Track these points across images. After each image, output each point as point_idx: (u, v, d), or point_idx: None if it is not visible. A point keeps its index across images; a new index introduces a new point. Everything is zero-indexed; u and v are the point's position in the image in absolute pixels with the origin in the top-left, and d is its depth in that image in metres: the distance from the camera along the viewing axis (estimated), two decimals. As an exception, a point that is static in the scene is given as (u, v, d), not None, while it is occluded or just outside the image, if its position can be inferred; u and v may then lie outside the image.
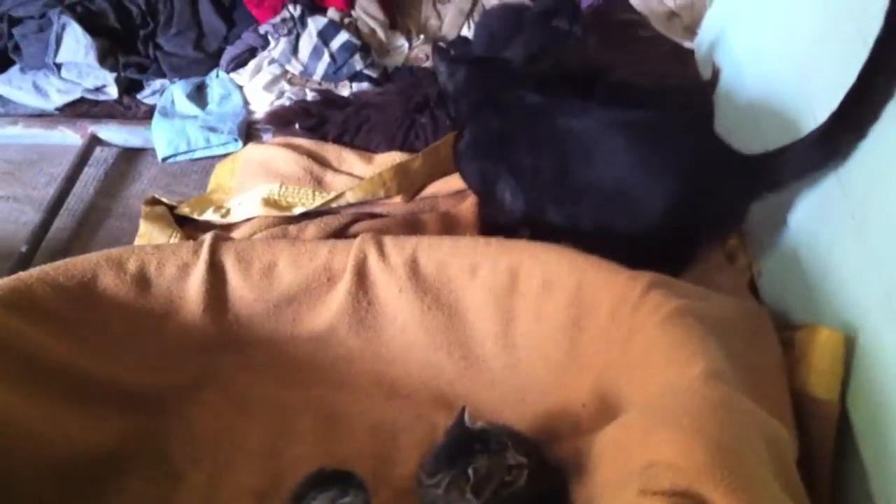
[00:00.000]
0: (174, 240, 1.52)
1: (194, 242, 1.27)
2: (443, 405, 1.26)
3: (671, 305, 1.07)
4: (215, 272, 1.24)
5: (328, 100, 1.77)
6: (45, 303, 1.17)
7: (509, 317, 1.21)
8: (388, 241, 1.25)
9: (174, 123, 1.76)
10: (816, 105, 1.21)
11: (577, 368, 1.15)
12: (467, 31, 2.01)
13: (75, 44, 1.86)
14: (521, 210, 1.41)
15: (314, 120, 1.71)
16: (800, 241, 1.31)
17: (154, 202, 1.60)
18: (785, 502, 0.91)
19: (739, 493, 0.84)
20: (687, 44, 2.00)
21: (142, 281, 1.22)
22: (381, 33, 1.94)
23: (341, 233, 1.54)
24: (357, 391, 1.29)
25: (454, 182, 1.58)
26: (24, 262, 1.52)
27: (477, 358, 1.25)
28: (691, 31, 2.03)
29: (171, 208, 1.60)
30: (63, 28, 1.86)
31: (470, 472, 0.98)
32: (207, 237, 1.26)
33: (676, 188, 1.24)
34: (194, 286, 1.24)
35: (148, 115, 1.84)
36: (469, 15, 2.05)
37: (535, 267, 1.19)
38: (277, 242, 1.28)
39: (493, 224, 1.50)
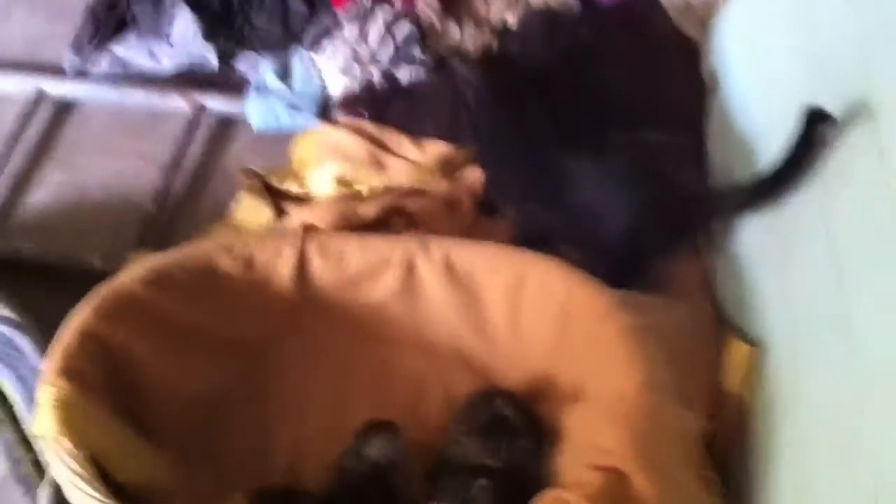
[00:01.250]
0: (266, 208, 1.90)
1: (286, 232, 1.65)
2: (463, 364, 1.64)
3: (631, 322, 1.42)
4: (302, 256, 1.58)
5: (391, 88, 2.11)
6: (180, 281, 1.54)
7: (515, 308, 1.56)
8: (432, 241, 1.59)
9: (266, 99, 2.10)
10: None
11: (560, 354, 1.52)
12: (511, 18, 2.29)
13: (184, 21, 2.20)
14: (510, 195, 1.81)
15: (379, 107, 2.06)
16: (743, 253, 1.64)
17: (250, 172, 1.98)
18: (686, 477, 1.32)
19: (651, 472, 1.22)
20: (699, 38, 2.25)
21: (248, 262, 1.58)
22: (436, 22, 2.23)
23: (396, 207, 1.90)
24: (400, 347, 1.66)
25: (487, 169, 1.93)
26: (152, 220, 1.92)
27: (489, 333, 1.60)
28: (705, 25, 2.27)
29: (263, 178, 1.97)
30: (175, 12, 2.20)
31: None
32: (296, 229, 1.64)
33: (635, 214, 1.61)
34: (286, 266, 1.58)
35: (242, 84, 2.18)
36: (514, 4, 2.32)
37: (538, 274, 1.53)
38: (349, 235, 1.65)
39: (489, 197, 1.88)
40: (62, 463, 1.28)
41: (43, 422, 1.31)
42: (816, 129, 1.40)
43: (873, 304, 1.14)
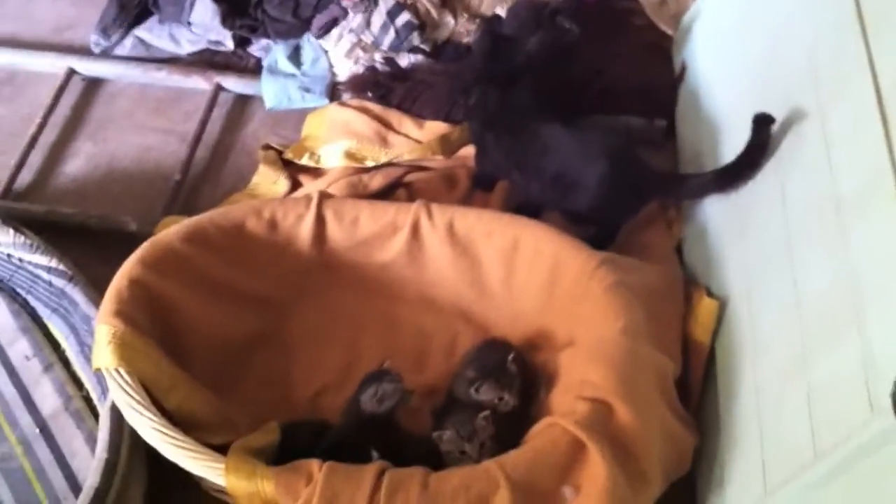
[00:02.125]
0: (283, 179, 2.06)
1: (307, 197, 1.78)
2: (464, 319, 1.80)
3: (612, 279, 1.59)
4: (320, 220, 1.74)
5: (393, 72, 2.26)
6: (213, 238, 1.70)
7: (510, 269, 1.72)
8: (435, 207, 1.75)
9: (278, 81, 2.25)
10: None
11: (551, 309, 1.69)
12: (501, 11, 2.45)
13: (204, 9, 2.33)
14: (497, 165, 1.97)
15: (382, 89, 2.22)
16: (709, 223, 1.81)
17: (268, 148, 2.14)
18: (660, 407, 1.49)
19: (631, 402, 1.40)
20: (671, 32, 2.43)
21: (272, 224, 1.74)
22: (434, 12, 2.39)
23: (399, 180, 2.07)
24: (407, 304, 1.82)
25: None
26: (178, 189, 2.06)
27: (487, 291, 1.77)
28: (677, 19, 2.44)
29: (280, 153, 2.13)
30: (196, -4, 2.35)
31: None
32: (315, 195, 1.78)
33: (602, 182, 1.78)
34: (306, 228, 1.74)
35: (256, 66, 2.32)
36: (504, -3, 2.49)
37: (530, 238, 1.70)
38: (361, 202, 1.81)
39: (480, 170, 2.04)
40: (121, 391, 1.44)
41: (102, 356, 1.47)
42: (765, 131, 1.59)
43: (812, 258, 1.34)
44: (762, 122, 1.60)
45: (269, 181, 2.07)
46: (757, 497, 1.29)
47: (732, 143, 1.73)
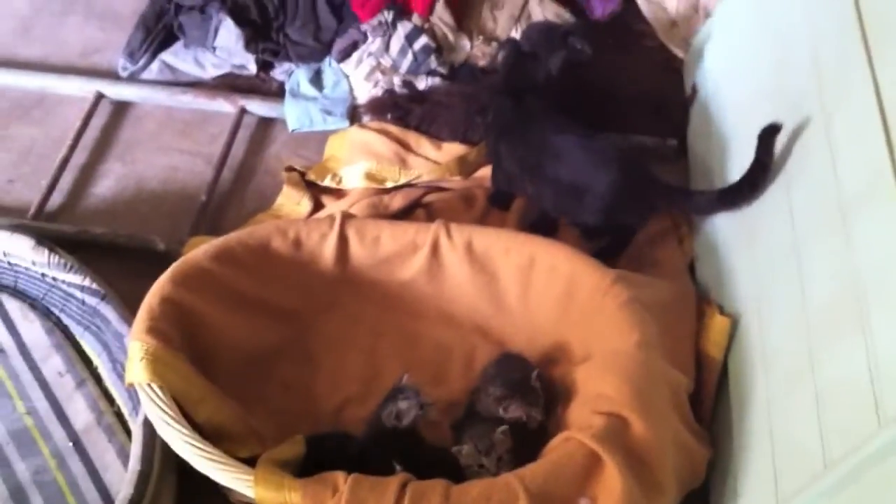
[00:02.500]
0: (306, 200, 2.11)
1: (330, 217, 1.82)
2: (481, 333, 1.84)
3: (627, 295, 1.63)
4: (342, 239, 1.78)
5: (411, 95, 2.30)
6: (240, 257, 1.74)
7: (527, 284, 1.76)
8: (454, 227, 1.78)
9: (300, 104, 2.30)
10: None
11: (566, 324, 1.73)
12: (516, 34, 2.50)
13: (228, 33, 2.38)
14: (511, 177, 2.01)
15: (401, 111, 2.26)
16: (719, 238, 1.85)
17: (291, 169, 2.18)
18: (674, 421, 1.52)
19: (645, 415, 1.44)
20: (682, 54, 2.47)
21: (297, 243, 1.78)
22: (450, 36, 2.44)
23: (419, 200, 2.11)
24: (427, 319, 1.86)
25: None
26: (204, 209, 2.11)
27: (505, 307, 1.81)
28: (687, 41, 2.49)
29: (303, 174, 2.18)
30: (220, 22, 2.39)
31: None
32: (338, 215, 1.82)
33: (611, 191, 1.82)
34: (329, 247, 1.78)
35: (279, 89, 2.37)
36: (518, 20, 2.53)
37: (546, 256, 1.74)
38: (382, 222, 1.85)
39: (496, 188, 2.08)
40: (154, 405, 1.48)
41: (135, 371, 1.52)
42: (769, 149, 1.63)
43: (819, 267, 1.38)
44: (767, 138, 1.64)
45: (292, 202, 2.12)
46: (770, 507, 1.32)
47: (740, 159, 1.76)
